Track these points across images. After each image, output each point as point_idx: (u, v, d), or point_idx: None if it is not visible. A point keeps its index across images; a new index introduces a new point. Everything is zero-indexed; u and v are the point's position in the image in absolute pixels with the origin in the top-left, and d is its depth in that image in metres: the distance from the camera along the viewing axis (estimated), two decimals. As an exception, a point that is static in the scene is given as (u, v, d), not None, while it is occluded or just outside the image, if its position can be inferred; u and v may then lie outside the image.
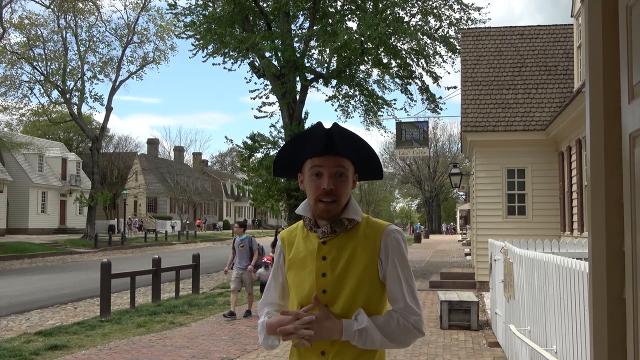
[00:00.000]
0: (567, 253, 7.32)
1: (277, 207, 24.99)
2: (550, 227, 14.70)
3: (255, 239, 12.48)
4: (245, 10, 23.41)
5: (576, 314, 4.34)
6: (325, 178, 2.16)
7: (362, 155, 2.24)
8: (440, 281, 16.25)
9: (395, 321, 2.13)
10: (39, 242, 37.54)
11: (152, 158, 76.01)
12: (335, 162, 2.17)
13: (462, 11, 23.28)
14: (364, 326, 2.09)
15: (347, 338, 2.09)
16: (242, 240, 12.10)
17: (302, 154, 2.23)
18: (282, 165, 2.32)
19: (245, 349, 8.87)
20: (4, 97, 42.18)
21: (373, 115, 25.86)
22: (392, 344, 2.14)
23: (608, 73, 1.85)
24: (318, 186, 2.17)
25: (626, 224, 1.74)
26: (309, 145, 2.19)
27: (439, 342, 9.24)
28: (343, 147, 2.17)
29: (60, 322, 12.29)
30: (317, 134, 2.17)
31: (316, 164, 2.18)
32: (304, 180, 2.26)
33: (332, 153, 2.17)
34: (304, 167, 2.25)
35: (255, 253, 12.04)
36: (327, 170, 2.16)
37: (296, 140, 2.25)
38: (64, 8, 41.28)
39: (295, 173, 2.31)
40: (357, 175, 2.29)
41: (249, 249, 12.01)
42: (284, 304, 2.39)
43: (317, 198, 2.18)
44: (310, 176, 2.20)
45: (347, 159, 2.20)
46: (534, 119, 15.39)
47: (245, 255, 11.98)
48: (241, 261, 11.98)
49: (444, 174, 72.20)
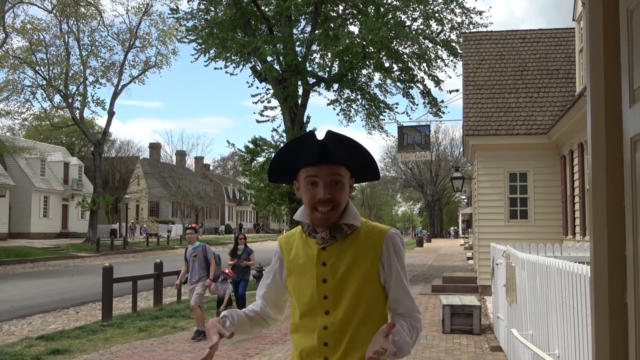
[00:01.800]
0: (569, 257, 7.31)
1: (278, 211, 25.01)
2: (552, 231, 14.67)
3: (210, 246, 10.63)
4: (247, 14, 23.46)
5: (578, 318, 4.33)
6: (320, 187, 2.15)
7: (357, 160, 2.22)
8: (443, 285, 16.23)
9: (408, 325, 2.12)
10: (41, 246, 37.54)
11: (154, 162, 76.05)
12: (330, 171, 2.15)
13: (463, 15, 23.30)
14: (401, 339, 2.02)
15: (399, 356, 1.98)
16: (194, 249, 10.24)
17: (296, 162, 2.21)
18: (276, 172, 2.30)
19: (247, 354, 8.86)
20: (6, 102, 42.33)
21: (375, 119, 25.88)
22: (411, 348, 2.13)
23: (609, 77, 1.85)
24: (314, 195, 2.16)
25: (628, 228, 1.74)
26: (303, 155, 2.17)
27: (441, 347, 9.22)
28: (337, 155, 2.15)
29: (62, 326, 12.29)
30: (310, 144, 2.15)
31: (311, 174, 2.17)
32: (299, 188, 2.24)
33: (327, 162, 2.15)
34: (299, 175, 2.23)
35: (212, 263, 10.21)
36: (322, 179, 2.15)
37: (289, 147, 2.22)
38: (66, 13, 41.42)
39: (291, 180, 2.30)
40: (354, 179, 2.28)
41: (203, 259, 10.18)
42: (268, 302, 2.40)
43: (312, 206, 2.16)
44: (305, 185, 2.19)
45: (342, 166, 2.18)
46: (536, 123, 15.38)
47: (199, 266, 10.13)
48: (194, 274, 10.15)
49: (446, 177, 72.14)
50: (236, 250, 12.38)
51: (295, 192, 2.34)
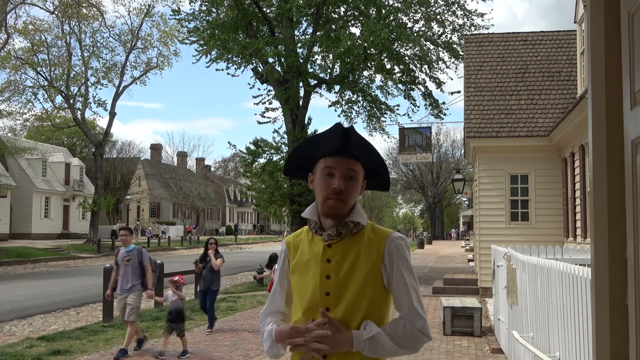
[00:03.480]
0: (570, 259, 7.31)
1: (280, 213, 25.00)
2: (553, 233, 14.67)
3: (146, 251, 9.44)
4: (249, 16, 23.49)
5: (579, 320, 4.33)
6: (336, 178, 2.20)
7: (373, 162, 2.29)
8: (443, 287, 16.22)
9: (402, 327, 2.14)
10: (42, 247, 37.55)
11: (155, 163, 76.10)
12: (348, 164, 2.21)
13: (465, 17, 23.33)
14: (373, 334, 2.09)
15: (358, 348, 2.08)
16: (128, 253, 8.98)
17: (315, 154, 2.27)
18: (294, 164, 2.36)
19: (247, 355, 8.86)
20: (8, 102, 42.38)
21: (376, 120, 25.91)
22: (402, 351, 2.14)
23: (610, 79, 1.86)
24: (329, 185, 2.20)
25: (628, 230, 1.74)
26: (325, 144, 2.23)
27: (441, 348, 9.22)
28: (357, 149, 2.22)
29: (62, 327, 12.29)
30: (334, 132, 2.22)
31: (329, 164, 2.22)
32: (314, 180, 2.29)
33: (346, 154, 2.21)
34: (315, 167, 2.28)
35: (149, 269, 8.99)
36: (339, 171, 2.20)
37: (312, 140, 2.29)
38: (68, 14, 41.47)
39: (306, 173, 2.35)
40: (366, 182, 2.33)
41: (138, 265, 8.94)
42: (290, 312, 2.38)
43: (326, 197, 2.21)
44: (322, 175, 2.23)
45: (359, 162, 2.24)
46: (537, 125, 15.38)
47: (132, 272, 8.88)
48: (126, 281, 8.86)
49: (447, 179, 72.18)
50: (205, 256, 11.11)
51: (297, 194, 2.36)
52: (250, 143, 24.26)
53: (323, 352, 2.07)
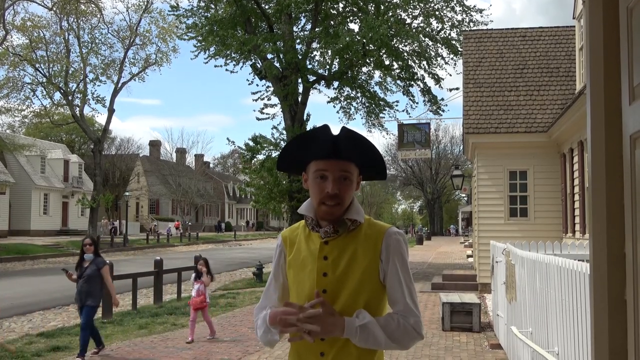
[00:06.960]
0: (569, 255, 7.31)
1: (279, 209, 25.00)
2: (552, 229, 14.68)
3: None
4: (247, 12, 23.44)
5: (578, 315, 4.33)
6: (329, 182, 2.17)
7: (367, 159, 2.26)
8: (442, 283, 16.23)
9: (395, 321, 2.13)
10: (41, 243, 37.55)
11: (154, 160, 76.04)
12: (340, 167, 2.19)
13: (464, 13, 23.30)
14: (365, 322, 2.08)
15: (349, 335, 2.08)
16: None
17: (307, 154, 2.24)
18: (286, 162, 2.35)
19: (247, 351, 8.87)
20: (6, 99, 42.27)
21: (375, 117, 25.88)
22: (393, 344, 2.13)
23: (609, 75, 1.85)
24: (322, 189, 2.18)
25: (627, 226, 1.75)
26: (314, 148, 2.20)
27: (440, 344, 9.24)
28: (348, 152, 2.19)
29: (62, 323, 12.32)
30: (323, 139, 2.18)
31: (321, 168, 2.20)
32: (307, 180, 2.28)
33: (337, 158, 2.18)
34: (308, 168, 2.26)
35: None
36: (332, 174, 2.18)
37: (302, 139, 2.26)
38: (66, 10, 41.33)
39: (300, 171, 2.33)
40: (361, 177, 2.31)
41: None
42: None
43: (320, 201, 2.19)
44: (314, 178, 2.22)
45: (351, 163, 2.22)
46: (536, 121, 15.38)
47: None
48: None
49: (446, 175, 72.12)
50: (82, 261, 9.11)
51: (296, 190, 2.36)
52: (249, 139, 24.29)
53: (314, 334, 2.07)
